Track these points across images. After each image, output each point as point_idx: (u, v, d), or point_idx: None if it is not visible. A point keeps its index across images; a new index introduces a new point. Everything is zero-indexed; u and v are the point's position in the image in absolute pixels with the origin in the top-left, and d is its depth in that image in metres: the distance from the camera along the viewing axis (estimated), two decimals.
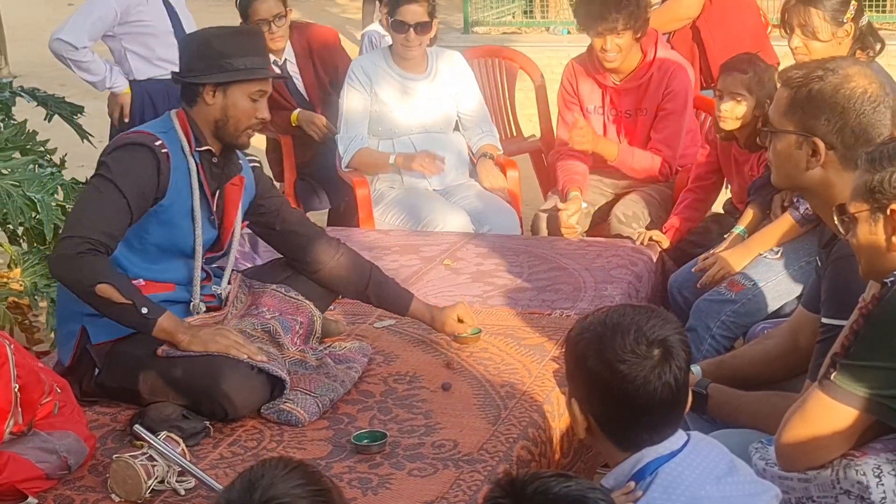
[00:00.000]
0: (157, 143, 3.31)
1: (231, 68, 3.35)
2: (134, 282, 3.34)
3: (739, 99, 4.19)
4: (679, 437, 2.24)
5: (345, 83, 5.17)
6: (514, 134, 6.50)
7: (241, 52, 3.36)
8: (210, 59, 3.36)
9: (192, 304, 3.45)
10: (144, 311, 3.19)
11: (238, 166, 3.51)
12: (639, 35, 4.77)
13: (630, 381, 2.17)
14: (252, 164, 3.60)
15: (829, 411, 2.44)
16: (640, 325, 2.21)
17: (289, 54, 5.57)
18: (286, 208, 3.67)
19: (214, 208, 3.45)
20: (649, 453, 2.20)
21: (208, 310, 3.48)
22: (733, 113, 4.21)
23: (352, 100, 5.14)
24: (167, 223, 3.36)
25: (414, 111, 5.12)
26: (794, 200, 3.93)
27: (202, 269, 3.47)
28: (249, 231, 3.77)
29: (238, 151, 3.52)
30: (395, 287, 3.70)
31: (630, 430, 2.22)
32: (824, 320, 2.77)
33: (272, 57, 5.49)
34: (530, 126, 6.62)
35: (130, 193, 3.24)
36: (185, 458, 2.89)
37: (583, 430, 2.28)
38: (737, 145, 4.35)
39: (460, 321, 3.64)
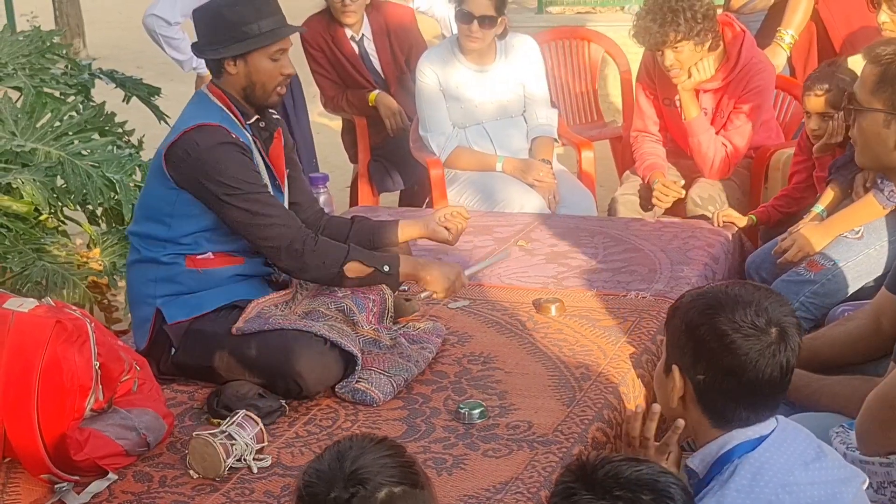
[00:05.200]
0: (232, 136, 3.33)
1: (246, 36, 3.36)
2: (202, 256, 3.40)
3: (826, 118, 4.14)
4: (768, 423, 2.21)
5: (416, 80, 5.14)
6: (595, 118, 6.39)
7: (254, 17, 3.37)
8: (225, 30, 3.38)
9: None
10: (386, 269, 3.39)
11: (276, 121, 3.56)
12: (706, 45, 4.61)
13: (744, 353, 2.16)
14: (276, 118, 3.63)
15: None
16: (760, 301, 2.19)
17: (366, 31, 5.59)
18: (299, 172, 3.69)
19: (277, 173, 3.48)
20: (738, 436, 2.18)
21: (278, 287, 3.52)
22: (822, 131, 4.18)
23: (428, 97, 5.09)
24: None
25: (485, 100, 5.09)
26: (878, 181, 3.85)
27: None
28: None
29: None
30: (378, 226, 3.69)
31: (730, 405, 2.19)
32: None
33: (348, 32, 5.53)
34: (608, 107, 6.53)
35: (263, 187, 3.35)
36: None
37: (676, 399, 2.24)
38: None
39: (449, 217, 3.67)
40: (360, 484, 1.82)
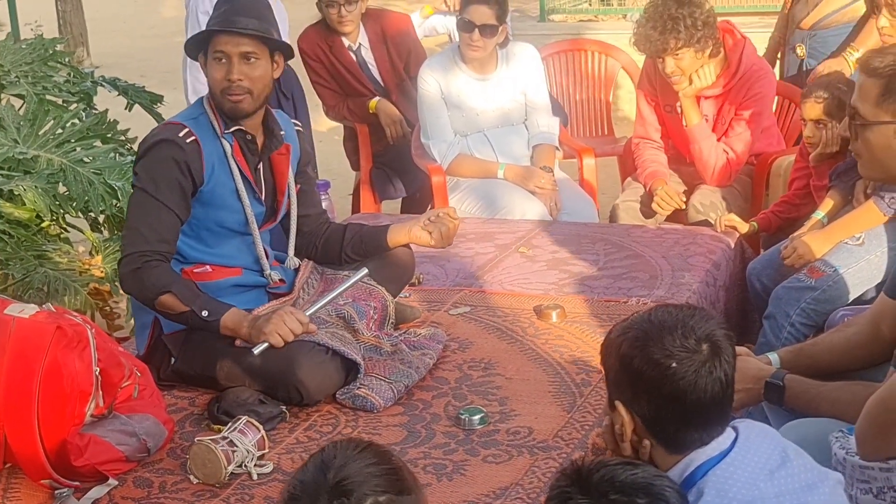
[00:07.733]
0: (182, 132, 3.30)
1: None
2: (199, 269, 3.40)
3: (821, 126, 4.16)
4: (727, 435, 2.18)
5: (418, 88, 5.15)
6: (606, 132, 6.36)
7: (214, 16, 3.36)
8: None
9: (265, 272, 3.49)
10: (205, 314, 3.23)
11: (280, 138, 3.48)
12: (707, 52, 4.62)
13: (680, 377, 2.13)
14: (297, 129, 3.60)
15: None
16: (685, 321, 2.17)
17: (363, 40, 5.59)
18: (311, 186, 3.69)
19: (256, 184, 3.44)
20: (699, 456, 2.15)
21: (277, 296, 3.51)
22: (818, 139, 4.19)
23: (429, 104, 5.10)
24: (212, 204, 3.38)
25: (486, 108, 5.09)
26: (878, 187, 3.85)
27: (267, 251, 3.52)
28: None
29: (281, 118, 3.51)
30: (370, 231, 3.66)
31: (680, 430, 2.17)
32: None
33: (345, 41, 5.53)
34: (614, 116, 6.50)
35: (166, 197, 3.28)
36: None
37: (629, 433, 2.23)
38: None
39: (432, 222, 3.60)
40: (345, 496, 1.79)
